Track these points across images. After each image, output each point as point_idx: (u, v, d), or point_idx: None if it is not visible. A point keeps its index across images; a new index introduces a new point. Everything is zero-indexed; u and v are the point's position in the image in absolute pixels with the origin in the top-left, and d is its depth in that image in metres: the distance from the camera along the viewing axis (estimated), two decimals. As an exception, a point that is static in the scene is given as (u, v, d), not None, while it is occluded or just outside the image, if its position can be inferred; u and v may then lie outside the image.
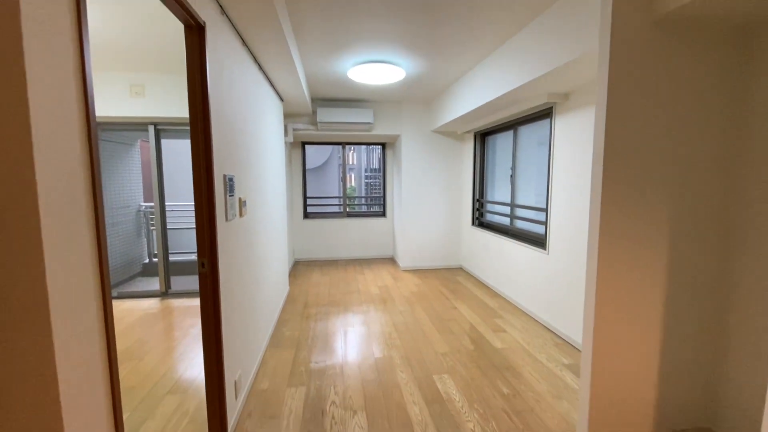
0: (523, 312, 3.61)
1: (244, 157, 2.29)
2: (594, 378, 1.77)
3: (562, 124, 3.04)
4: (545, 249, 3.28)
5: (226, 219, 1.88)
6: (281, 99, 3.94)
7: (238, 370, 2.05)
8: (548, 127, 3.33)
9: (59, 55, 0.85)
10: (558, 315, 3.10)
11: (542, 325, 3.30)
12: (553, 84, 2.72)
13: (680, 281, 1.75)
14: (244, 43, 2.31)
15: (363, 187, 15.25)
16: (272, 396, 2.24)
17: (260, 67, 2.80)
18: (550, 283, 3.21)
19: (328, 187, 13.18)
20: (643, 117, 1.65)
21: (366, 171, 16.31)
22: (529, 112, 3.46)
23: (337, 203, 6.10)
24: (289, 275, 4.98)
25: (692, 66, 1.66)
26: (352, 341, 2.98)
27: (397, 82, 3.95)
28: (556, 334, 3.10)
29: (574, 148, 2.89)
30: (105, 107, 3.64)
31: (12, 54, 0.74)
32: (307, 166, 11.80)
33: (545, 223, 3.28)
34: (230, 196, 1.93)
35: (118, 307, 3.77)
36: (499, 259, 4.16)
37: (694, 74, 1.66)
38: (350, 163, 21.61)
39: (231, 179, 1.95)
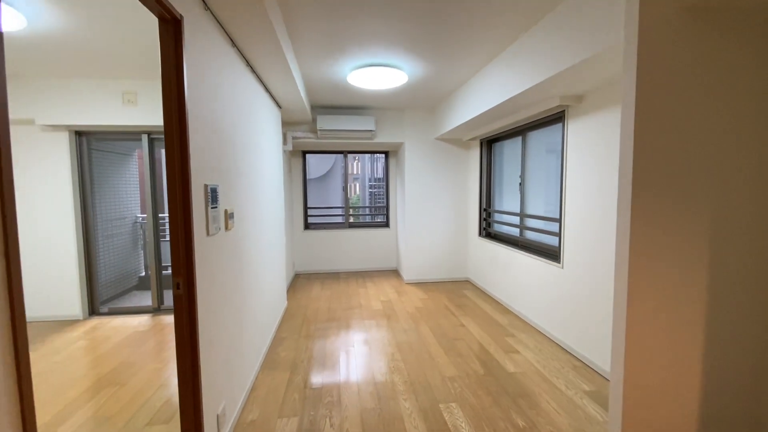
0: (536, 330, 3.36)
1: (232, 166, 2.11)
2: (626, 412, 1.53)
3: (575, 129, 2.84)
4: (559, 262, 3.05)
5: (208, 233, 1.70)
6: (279, 106, 3.79)
7: (222, 401, 1.84)
8: (560, 132, 3.13)
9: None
10: (575, 334, 2.85)
11: (558, 344, 3.05)
12: (566, 86, 2.53)
13: (725, 299, 1.53)
14: (233, 43, 2.16)
15: (367, 197, 15.09)
16: (261, 429, 2.02)
17: (253, 71, 2.64)
18: (566, 299, 2.97)
19: (332, 197, 13.04)
20: (677, 115, 1.44)
21: (370, 180, 16.17)
22: (539, 117, 3.27)
23: (340, 214, 5.91)
24: (289, 289, 4.78)
25: (731, 57, 1.46)
26: (351, 363, 2.75)
27: (399, 86, 3.79)
28: (573, 355, 2.85)
29: (589, 154, 2.69)
30: (98, 116, 3.51)
31: None
32: (310, 176, 11.68)
33: (559, 235, 3.06)
34: (213, 207, 1.75)
35: (106, 325, 3.58)
36: (509, 272, 3.93)
37: (733, 66, 1.46)
38: (355, 172, 21.57)
39: (214, 189, 1.76)
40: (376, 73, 3.19)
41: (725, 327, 1.54)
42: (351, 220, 5.86)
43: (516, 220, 3.96)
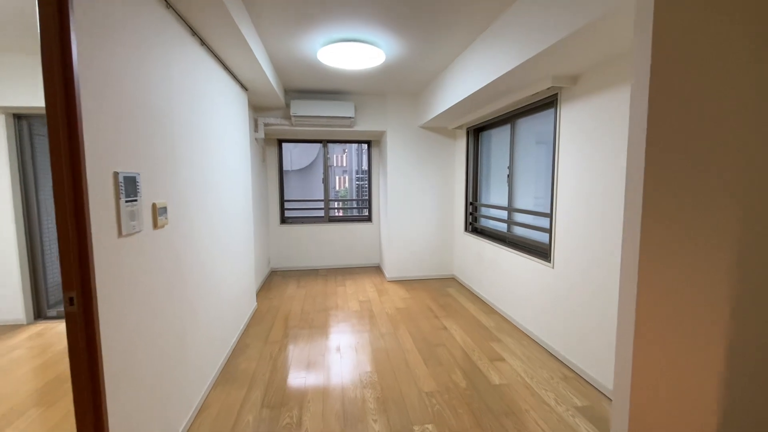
0: (524, 333, 3.11)
1: (168, 152, 1.77)
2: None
3: (569, 114, 2.55)
4: (549, 261, 2.79)
5: (121, 234, 1.36)
6: (245, 88, 3.42)
7: (148, 435, 1.53)
8: (552, 118, 2.84)
9: None
10: (566, 341, 2.60)
11: (547, 351, 2.80)
12: (559, 63, 2.23)
13: (752, 314, 1.26)
14: (168, 4, 1.80)
15: (354, 190, 14.74)
16: (202, 463, 1.72)
17: (204, 44, 2.28)
18: (556, 301, 2.71)
19: (316, 189, 12.64)
20: (702, 93, 1.15)
21: (357, 173, 15.79)
22: (530, 102, 2.97)
23: (321, 207, 5.58)
24: (262, 287, 4.45)
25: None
26: (318, 375, 2.46)
27: (376, 67, 3.45)
28: (563, 363, 2.60)
29: (585, 142, 2.41)
30: (39, 96, 3.10)
31: None
32: (292, 167, 11.22)
33: (549, 231, 2.79)
34: (129, 201, 1.41)
35: (52, 330, 3.22)
36: (495, 270, 3.67)
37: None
38: (342, 164, 21.12)
39: (131, 179, 1.43)
40: (350, 50, 2.85)
41: (750, 345, 1.27)
42: (331, 214, 5.53)
43: (504, 214, 3.69)
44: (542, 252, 2.99)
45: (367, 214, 5.63)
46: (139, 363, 1.48)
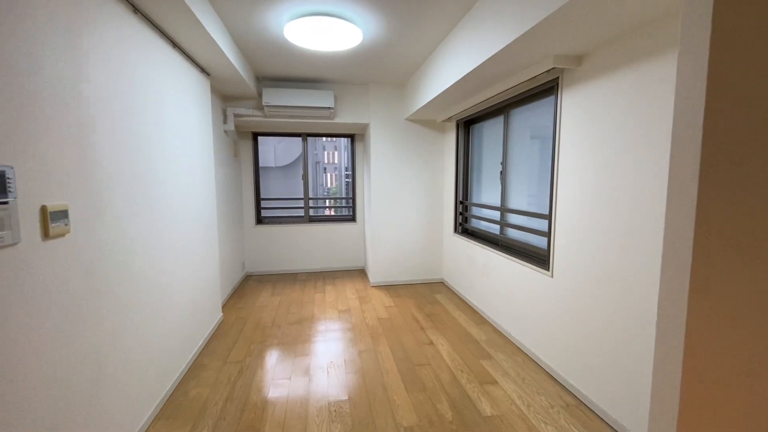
0: (519, 349, 2.78)
1: (74, 140, 1.38)
2: None
3: (572, 101, 2.21)
4: (548, 269, 2.45)
5: (-32, 249, 0.98)
6: (207, 73, 3.02)
7: None
8: (552, 106, 2.51)
9: None
10: (567, 362, 2.27)
11: (544, 370, 2.47)
12: (561, 40, 1.89)
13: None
14: (72, -49, 1.41)
15: (343, 187, 14.33)
16: None
17: (139, 11, 1.89)
18: (555, 315, 2.38)
19: (301, 187, 12.20)
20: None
21: (347, 170, 15.41)
22: (526, 88, 2.63)
23: (300, 206, 5.20)
24: (233, 295, 4.06)
25: None
26: (281, 405, 2.10)
27: (353, 49, 3.08)
28: (564, 387, 2.27)
29: (590, 133, 2.07)
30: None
31: None
32: (276, 164, 10.82)
33: (548, 235, 2.45)
34: (-14, 204, 1.03)
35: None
36: (487, 277, 3.33)
37: None
38: (333, 161, 20.69)
39: (-8, 173, 1.05)
40: (321, 26, 2.47)
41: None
42: (315, 213, 5.15)
43: (496, 215, 3.35)
44: (539, 258, 2.65)
45: (350, 213, 5.26)
46: (27, 413, 1.10)
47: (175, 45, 2.35)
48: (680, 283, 0.86)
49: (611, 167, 1.92)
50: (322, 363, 2.58)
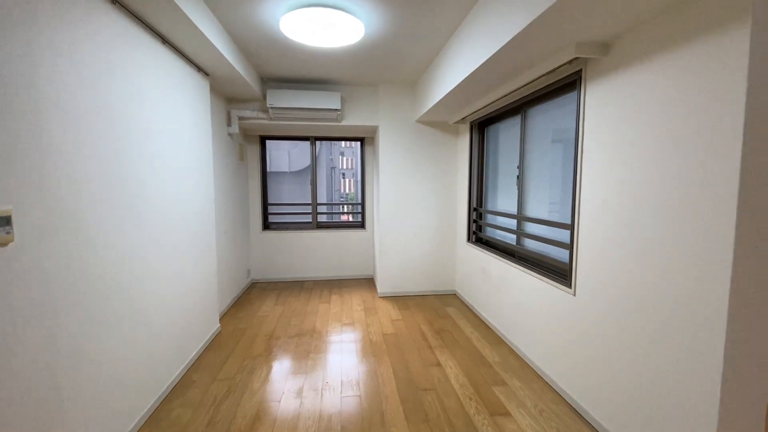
0: (537, 374, 2.48)
1: (20, 136, 1.23)
2: None
3: (597, 95, 1.94)
4: (569, 285, 2.17)
5: None
6: (205, 73, 2.90)
7: None
8: (574, 103, 2.24)
9: None
10: (592, 393, 1.97)
11: (564, 401, 2.17)
12: (584, 24, 1.63)
13: None
14: (28, -70, 1.27)
15: (358, 193, 14.26)
16: None
17: (124, 7, 1.75)
18: (578, 339, 2.09)
19: (317, 192, 12.11)
20: None
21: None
22: (545, 83, 2.36)
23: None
24: (234, 304, 3.92)
25: None
26: (265, 434, 1.89)
27: (356, 45, 2.89)
28: (589, 424, 1.97)
29: (619, 132, 1.79)
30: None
31: None
32: (290, 168, 10.79)
33: (570, 247, 2.17)
34: None
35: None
36: (502, 291, 3.05)
37: None
38: (350, 167, 20.64)
39: None
40: (320, 19, 2.29)
41: None
42: (321, 219, 4.98)
43: (513, 224, 3.07)
44: (560, 273, 2.36)
45: (360, 220, 5.06)
46: None
47: (165, 41, 2.22)
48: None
49: (646, 172, 1.63)
50: (317, 383, 2.36)
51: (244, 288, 4.38)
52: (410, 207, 4.13)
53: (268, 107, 3.68)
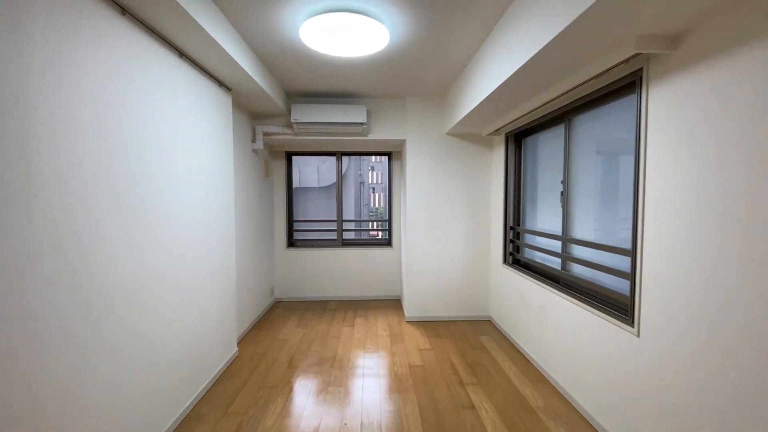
0: (589, 424, 2.11)
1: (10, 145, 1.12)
2: None
3: (664, 99, 1.63)
4: (631, 323, 1.82)
5: None
6: (227, 88, 2.83)
7: None
8: (634, 109, 1.92)
9: None
10: (666, 461, 1.59)
11: (629, 465, 1.79)
12: (647, 12, 1.35)
13: None
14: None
15: (387, 209, 14.07)
16: None
17: (139, 20, 1.67)
18: (647, 389, 1.72)
19: (346, 207, 12.02)
20: None
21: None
22: (594, 87, 2.07)
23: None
24: (256, 324, 3.77)
25: None
26: (272, 488, 1.66)
27: (381, 53, 2.71)
28: (662, 499, 1.59)
29: (694, 142, 1.47)
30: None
31: None
32: (319, 184, 10.77)
33: (632, 278, 1.83)
34: None
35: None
36: (545, 321, 2.69)
37: None
38: (380, 181, 20.60)
39: None
40: (341, 26, 2.14)
41: None
42: (347, 236, 4.80)
43: (556, 245, 2.73)
44: (618, 306, 2.01)
45: (386, 237, 4.84)
46: None
47: (182, 55, 2.14)
48: None
49: (743, 193, 1.30)
50: (333, 424, 2.12)
51: (266, 308, 4.24)
52: (440, 225, 3.86)
53: (292, 122, 3.58)
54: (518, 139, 3.37)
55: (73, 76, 1.38)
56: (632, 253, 1.82)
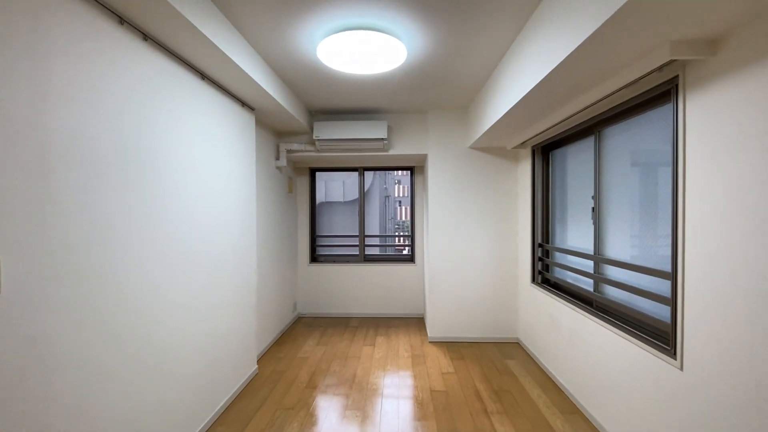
0: (629, 466, 1.90)
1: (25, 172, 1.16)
2: None
3: (704, 108, 1.49)
4: (673, 354, 1.64)
5: None
6: (250, 107, 2.90)
7: None
8: (670, 120, 1.78)
9: None
10: None
11: None
12: (683, 15, 1.24)
13: None
14: (52, -29, 1.25)
15: (410, 225, 13.98)
16: None
17: (149, 37, 1.74)
18: (692, 427, 1.53)
19: (371, 221, 12.05)
20: None
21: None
22: (626, 97, 1.94)
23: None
24: (278, 340, 3.76)
25: None
26: None
27: (399, 69, 2.69)
28: None
29: (740, 154, 1.32)
30: None
31: None
32: (344, 198, 10.87)
33: (673, 303, 1.65)
34: None
35: None
36: (576, 346, 2.50)
37: None
38: (405, 194, 20.57)
39: None
40: (358, 44, 2.14)
41: None
42: (369, 252, 4.75)
43: (588, 265, 2.55)
44: (657, 334, 1.83)
45: (409, 253, 4.75)
46: None
47: (204, 77, 2.21)
48: None
49: (794, 205, 1.15)
50: (349, 452, 2.03)
51: (289, 323, 4.23)
52: (464, 241, 3.74)
53: (314, 139, 3.62)
54: (545, 152, 3.23)
55: (93, 100, 1.43)
56: (672, 275, 1.65)
